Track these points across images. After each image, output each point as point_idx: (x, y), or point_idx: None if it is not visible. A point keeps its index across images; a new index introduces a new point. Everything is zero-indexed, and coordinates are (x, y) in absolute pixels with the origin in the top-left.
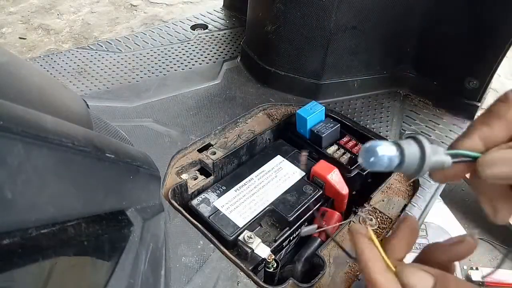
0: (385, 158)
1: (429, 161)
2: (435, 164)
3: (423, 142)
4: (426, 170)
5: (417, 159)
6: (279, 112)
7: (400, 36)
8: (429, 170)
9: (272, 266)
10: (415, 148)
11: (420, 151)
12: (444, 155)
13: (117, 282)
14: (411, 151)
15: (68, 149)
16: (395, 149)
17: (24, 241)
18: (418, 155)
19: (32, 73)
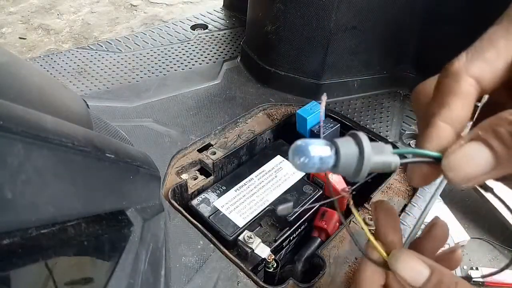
0: (316, 160)
1: (368, 162)
2: (379, 165)
3: (362, 140)
4: (366, 172)
5: (355, 160)
6: (279, 112)
7: (400, 36)
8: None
9: (272, 266)
10: (353, 147)
11: (359, 151)
12: (391, 155)
13: (117, 282)
14: (348, 151)
15: (68, 149)
16: (329, 148)
17: (24, 241)
18: (355, 155)
19: (32, 73)
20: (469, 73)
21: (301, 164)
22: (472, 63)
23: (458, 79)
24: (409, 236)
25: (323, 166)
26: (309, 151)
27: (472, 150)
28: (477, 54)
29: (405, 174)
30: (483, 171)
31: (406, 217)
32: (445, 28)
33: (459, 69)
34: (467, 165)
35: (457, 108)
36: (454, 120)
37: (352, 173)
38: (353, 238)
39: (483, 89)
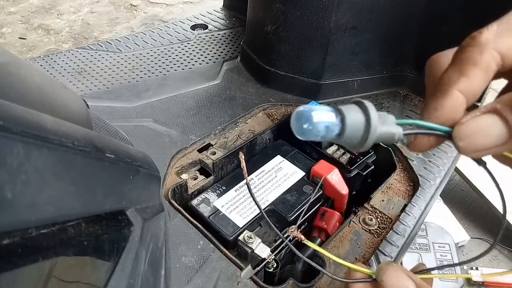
0: (321, 126)
1: (374, 132)
2: (383, 136)
3: (369, 108)
4: (371, 142)
5: (361, 129)
6: (279, 112)
7: (400, 36)
8: (378, 141)
9: (272, 266)
10: (359, 116)
11: (365, 119)
12: (395, 126)
13: (117, 282)
14: (354, 119)
15: (68, 149)
16: (334, 115)
17: (24, 241)
18: (362, 124)
19: (32, 73)
20: (495, 47)
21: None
22: (501, 37)
23: (483, 50)
24: (409, 236)
25: (328, 134)
26: (313, 117)
27: (487, 121)
28: (507, 29)
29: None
30: (494, 143)
31: (406, 217)
32: (445, 28)
33: (486, 40)
34: (479, 136)
35: (476, 80)
36: (470, 91)
37: (356, 143)
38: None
39: (505, 66)
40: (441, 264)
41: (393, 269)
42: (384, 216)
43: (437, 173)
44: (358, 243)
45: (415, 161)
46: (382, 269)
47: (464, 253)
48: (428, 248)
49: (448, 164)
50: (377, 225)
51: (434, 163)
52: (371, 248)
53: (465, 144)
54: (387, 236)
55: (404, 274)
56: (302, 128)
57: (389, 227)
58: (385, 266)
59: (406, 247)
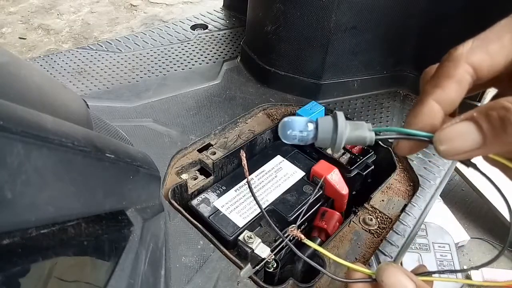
0: (296, 132)
1: (342, 135)
2: (353, 139)
3: (338, 117)
4: (341, 143)
5: (330, 134)
6: (279, 112)
7: (400, 36)
8: (349, 144)
9: (272, 266)
10: (329, 123)
11: (334, 125)
12: (367, 131)
13: (117, 282)
14: (325, 126)
15: (68, 149)
16: (311, 124)
17: (24, 241)
18: (331, 129)
19: (32, 73)
20: (468, 61)
21: (287, 135)
22: (474, 52)
23: (457, 64)
24: (409, 236)
25: (305, 137)
26: (294, 125)
27: (464, 127)
28: (481, 45)
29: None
30: (470, 147)
31: (406, 217)
32: (445, 28)
33: (460, 55)
34: (457, 140)
35: (450, 91)
36: (445, 101)
37: (329, 145)
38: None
39: (480, 78)
40: (441, 264)
41: (393, 269)
42: (384, 216)
43: (437, 173)
44: (358, 243)
45: (415, 161)
46: (382, 269)
47: (464, 253)
48: (428, 248)
49: (448, 164)
50: (377, 225)
51: (434, 163)
52: (371, 248)
53: (445, 148)
54: (387, 236)
55: (404, 275)
56: (286, 134)
57: (389, 227)
58: (385, 266)
59: (406, 247)
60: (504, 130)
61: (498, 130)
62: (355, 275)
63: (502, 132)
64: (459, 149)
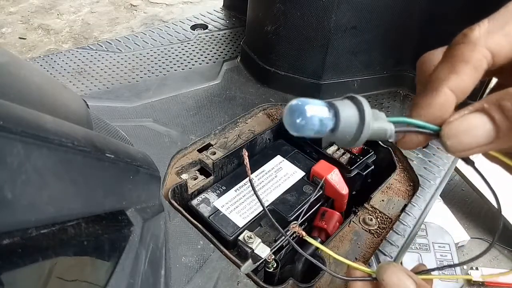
0: (316, 120)
1: (368, 127)
2: (375, 132)
3: (363, 103)
4: (365, 138)
5: (355, 124)
6: (279, 112)
7: (400, 36)
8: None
9: (272, 266)
10: (353, 111)
11: (359, 114)
12: (387, 122)
13: (117, 282)
14: (348, 114)
15: (68, 149)
16: (327, 110)
17: (24, 241)
18: (356, 119)
19: (32, 73)
20: (487, 44)
21: (298, 126)
22: (492, 35)
23: (474, 48)
24: (409, 236)
25: (321, 129)
26: (307, 111)
27: (475, 120)
28: (498, 26)
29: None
30: (482, 142)
31: (406, 217)
32: (445, 28)
33: (477, 37)
34: (467, 135)
35: (466, 78)
36: (460, 89)
37: (350, 139)
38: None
39: (495, 64)
40: (441, 264)
41: (393, 268)
42: (384, 216)
43: (437, 173)
44: (358, 243)
45: (415, 161)
46: (382, 269)
47: (464, 253)
48: (428, 248)
49: (448, 164)
50: (377, 225)
51: (434, 163)
52: (371, 248)
53: (453, 143)
54: (387, 236)
55: (404, 274)
56: (295, 123)
57: (389, 227)
58: (386, 265)
59: (406, 247)
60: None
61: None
62: (355, 273)
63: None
64: (469, 144)
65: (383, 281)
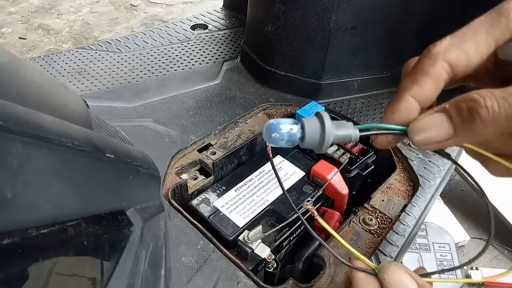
0: (285, 134)
1: (329, 135)
2: (340, 137)
3: (324, 117)
4: (328, 143)
5: (318, 134)
6: (279, 112)
7: (400, 36)
8: (336, 142)
9: (272, 266)
10: (316, 124)
11: (321, 125)
12: (351, 129)
13: (117, 282)
14: (312, 126)
15: (68, 149)
16: (296, 126)
17: (24, 241)
18: (318, 129)
19: (32, 73)
20: (445, 58)
21: (273, 138)
22: (451, 50)
23: (434, 61)
24: (409, 236)
25: (291, 139)
26: (280, 128)
27: (436, 118)
28: (458, 42)
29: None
30: (442, 137)
31: (406, 217)
32: (445, 28)
33: (437, 52)
34: (429, 130)
35: (426, 87)
36: (421, 97)
37: (317, 145)
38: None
39: (456, 74)
40: (441, 264)
41: (394, 268)
42: (384, 216)
43: (437, 173)
44: (358, 243)
45: (415, 161)
46: (383, 268)
47: (464, 253)
48: (428, 248)
49: (448, 164)
50: (377, 225)
51: (434, 163)
52: (371, 248)
53: (419, 138)
54: (387, 236)
55: (405, 273)
56: (271, 137)
57: (389, 227)
58: (387, 264)
59: (406, 247)
60: (472, 121)
61: (466, 120)
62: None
63: (471, 122)
64: (432, 139)
65: (384, 280)
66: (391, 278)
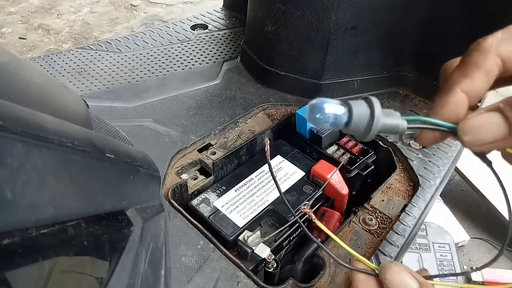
0: (331, 115)
1: (378, 121)
2: (387, 127)
3: (374, 102)
4: (375, 131)
5: (366, 120)
6: (279, 112)
7: (400, 36)
8: (382, 131)
9: (272, 266)
10: (365, 108)
11: (370, 111)
12: (399, 119)
13: (117, 282)
14: (360, 111)
15: (68, 149)
16: (343, 108)
17: (24, 241)
18: (367, 115)
19: (32, 73)
20: (498, 53)
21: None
22: (503, 44)
23: (486, 55)
24: (409, 236)
25: (336, 122)
26: (324, 108)
27: (489, 117)
28: (510, 37)
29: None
30: (495, 138)
31: (406, 217)
32: (445, 28)
33: (490, 46)
34: (482, 130)
35: (478, 81)
36: (472, 91)
37: (362, 132)
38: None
39: (506, 71)
40: (441, 264)
41: (396, 267)
42: (384, 216)
43: (437, 173)
44: (358, 243)
45: (415, 161)
46: (385, 267)
47: (464, 253)
48: (428, 248)
49: (448, 164)
50: (377, 225)
51: (434, 163)
52: (371, 248)
53: (469, 138)
54: (387, 236)
55: (407, 273)
56: (315, 118)
57: (389, 227)
58: (388, 264)
59: (406, 247)
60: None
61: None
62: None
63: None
64: (483, 140)
65: (386, 280)
66: (393, 278)
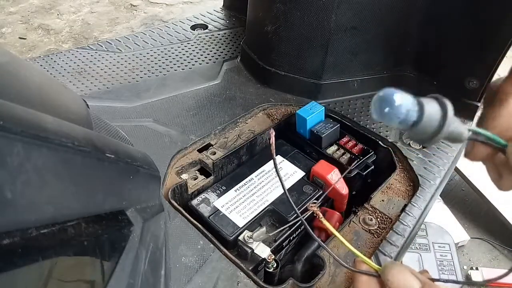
0: (403, 110)
1: (449, 125)
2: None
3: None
4: (443, 136)
5: (437, 120)
6: (279, 112)
7: (400, 36)
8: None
9: (272, 266)
10: (437, 108)
11: (442, 111)
12: (463, 126)
13: (117, 282)
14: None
15: (68, 149)
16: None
17: (24, 241)
18: (439, 115)
19: (32, 73)
20: None
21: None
22: None
23: None
24: (409, 236)
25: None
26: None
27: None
28: None
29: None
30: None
31: (406, 217)
32: (445, 28)
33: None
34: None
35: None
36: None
37: (428, 135)
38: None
39: None
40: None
41: (398, 268)
42: (384, 216)
43: (437, 173)
44: (358, 243)
45: (415, 161)
46: (387, 268)
47: (464, 253)
48: (428, 248)
49: (448, 164)
50: (377, 225)
51: (434, 163)
52: (371, 248)
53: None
54: (387, 236)
55: (409, 273)
56: (383, 111)
57: (389, 227)
58: (390, 264)
59: (406, 247)
60: None
61: None
62: (361, 267)
63: None
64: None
65: (388, 280)
66: (395, 278)
